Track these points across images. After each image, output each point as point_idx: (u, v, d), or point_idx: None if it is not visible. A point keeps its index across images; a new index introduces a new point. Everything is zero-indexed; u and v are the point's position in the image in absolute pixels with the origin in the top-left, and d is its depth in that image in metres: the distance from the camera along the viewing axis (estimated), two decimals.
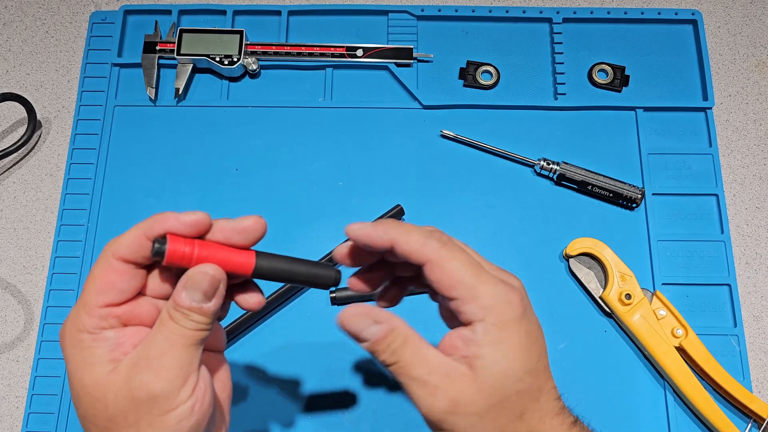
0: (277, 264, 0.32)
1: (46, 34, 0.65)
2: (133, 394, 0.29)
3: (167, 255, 0.29)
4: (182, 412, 0.29)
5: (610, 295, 0.52)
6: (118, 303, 0.31)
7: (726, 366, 0.51)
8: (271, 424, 0.51)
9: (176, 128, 0.59)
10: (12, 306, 0.55)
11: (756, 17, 0.64)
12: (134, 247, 0.30)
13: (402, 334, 0.31)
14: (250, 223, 0.31)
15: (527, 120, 0.59)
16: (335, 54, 0.60)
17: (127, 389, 0.29)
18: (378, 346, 0.31)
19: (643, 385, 0.52)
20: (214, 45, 0.59)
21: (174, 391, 0.29)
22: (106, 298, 0.30)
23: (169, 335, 0.29)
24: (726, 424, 0.49)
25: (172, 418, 0.29)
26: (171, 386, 0.29)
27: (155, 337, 0.30)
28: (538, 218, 0.56)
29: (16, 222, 0.58)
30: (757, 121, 0.61)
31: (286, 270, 0.32)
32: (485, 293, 0.30)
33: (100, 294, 0.30)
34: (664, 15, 0.62)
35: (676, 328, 0.52)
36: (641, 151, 0.58)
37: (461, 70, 0.61)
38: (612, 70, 0.61)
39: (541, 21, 0.63)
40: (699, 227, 0.56)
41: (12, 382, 0.53)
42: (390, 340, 0.31)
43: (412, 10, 0.62)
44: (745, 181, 0.59)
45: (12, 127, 0.61)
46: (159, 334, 0.30)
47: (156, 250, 0.29)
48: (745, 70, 0.62)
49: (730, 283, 0.54)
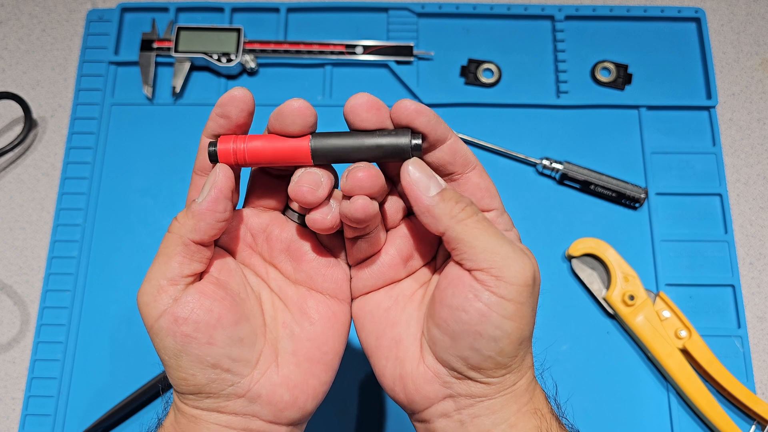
0: (336, 141, 0.29)
1: (42, 32, 0.64)
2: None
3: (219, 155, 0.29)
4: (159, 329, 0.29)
5: (613, 296, 0.52)
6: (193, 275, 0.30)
7: (729, 367, 0.51)
8: None
9: (174, 127, 0.59)
10: (8, 307, 0.55)
11: (760, 15, 0.64)
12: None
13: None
14: (299, 104, 0.28)
15: (529, 119, 0.59)
16: (334, 51, 0.60)
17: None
18: (455, 195, 0.29)
19: (647, 387, 0.51)
20: (212, 42, 0.59)
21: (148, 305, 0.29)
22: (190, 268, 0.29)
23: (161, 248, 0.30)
24: (730, 426, 0.49)
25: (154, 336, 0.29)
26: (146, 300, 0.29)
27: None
28: (541, 218, 0.56)
29: (12, 222, 0.57)
30: (761, 119, 0.60)
31: (349, 144, 0.29)
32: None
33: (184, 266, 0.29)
34: (667, 13, 0.62)
35: (680, 329, 0.51)
36: (644, 150, 0.58)
37: (462, 67, 0.60)
38: (615, 68, 0.60)
39: (544, 18, 0.62)
40: (702, 227, 0.56)
41: (8, 383, 0.53)
42: (463, 195, 0.29)
43: (412, 7, 0.62)
44: (749, 180, 0.58)
45: (8, 126, 0.61)
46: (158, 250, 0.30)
47: (209, 153, 0.29)
48: (749, 68, 0.62)
49: (733, 283, 0.54)
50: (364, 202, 0.28)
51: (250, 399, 0.30)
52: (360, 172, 0.28)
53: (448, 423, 0.30)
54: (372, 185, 0.28)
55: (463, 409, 0.29)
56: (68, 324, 0.53)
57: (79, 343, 0.53)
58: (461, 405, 0.29)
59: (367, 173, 0.28)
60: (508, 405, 0.29)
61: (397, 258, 0.32)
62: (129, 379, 0.51)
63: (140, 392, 0.50)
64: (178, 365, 0.28)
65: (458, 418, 0.29)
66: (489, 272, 0.28)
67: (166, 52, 0.60)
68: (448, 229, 0.28)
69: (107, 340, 0.53)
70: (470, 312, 0.28)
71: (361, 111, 0.28)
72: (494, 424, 0.29)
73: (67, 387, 0.52)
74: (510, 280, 0.27)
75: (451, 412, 0.30)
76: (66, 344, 0.53)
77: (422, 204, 0.28)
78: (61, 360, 0.52)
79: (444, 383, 0.29)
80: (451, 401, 0.30)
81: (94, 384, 0.52)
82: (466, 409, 0.29)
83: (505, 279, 0.27)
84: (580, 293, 0.54)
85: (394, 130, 0.29)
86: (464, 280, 0.28)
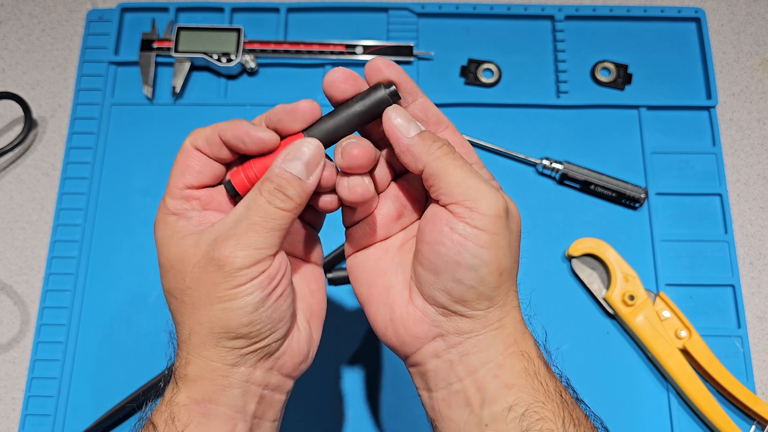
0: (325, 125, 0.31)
1: (42, 32, 0.64)
2: (207, 267, 0.30)
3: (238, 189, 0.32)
4: (251, 287, 0.30)
5: (613, 296, 0.52)
6: (198, 186, 0.32)
7: (729, 367, 0.51)
8: None
9: (174, 127, 0.59)
10: (8, 307, 0.55)
11: (760, 15, 0.64)
12: (209, 142, 0.32)
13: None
14: (311, 105, 0.31)
15: (529, 119, 0.59)
16: (334, 51, 0.60)
17: (203, 262, 0.30)
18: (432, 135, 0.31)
19: (647, 387, 0.51)
20: (212, 42, 0.59)
21: (246, 268, 0.29)
22: (185, 180, 0.32)
23: (254, 216, 0.30)
24: (730, 426, 0.49)
25: (240, 292, 0.30)
26: (243, 263, 0.29)
27: (239, 216, 0.30)
28: (541, 218, 0.56)
29: (12, 222, 0.57)
30: (761, 119, 0.60)
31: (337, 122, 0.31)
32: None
33: (180, 176, 0.32)
34: (667, 13, 0.62)
35: (680, 329, 0.51)
36: (644, 150, 0.57)
37: (462, 68, 0.60)
38: (615, 68, 0.60)
39: (544, 18, 0.62)
40: (702, 227, 0.56)
41: (8, 383, 0.53)
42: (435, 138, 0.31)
43: (412, 7, 0.62)
44: (749, 180, 0.58)
45: (8, 126, 0.61)
46: (244, 214, 0.30)
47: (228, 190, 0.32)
48: (749, 68, 0.62)
49: (733, 283, 0.54)
50: (362, 189, 0.31)
51: (281, 352, 0.32)
52: (354, 149, 0.30)
53: (439, 363, 0.31)
54: (367, 160, 0.31)
55: (452, 348, 0.31)
56: (68, 324, 0.53)
57: (79, 343, 0.53)
58: (450, 343, 0.31)
59: (360, 150, 0.30)
60: (495, 344, 0.30)
61: (388, 218, 0.34)
62: (129, 379, 0.51)
63: (140, 392, 0.50)
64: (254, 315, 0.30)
65: (448, 357, 0.31)
66: (463, 204, 0.29)
67: (166, 52, 0.60)
68: (426, 166, 0.30)
69: (107, 340, 0.53)
70: (447, 244, 0.30)
71: (339, 83, 0.31)
72: (482, 362, 0.30)
73: (67, 387, 0.52)
74: (482, 211, 0.29)
75: (441, 352, 0.31)
76: (66, 344, 0.53)
77: (402, 144, 0.30)
78: (61, 360, 0.52)
79: (432, 322, 0.31)
80: (440, 340, 0.31)
81: (94, 384, 0.52)
82: (455, 348, 0.31)
83: (477, 210, 0.29)
84: (580, 293, 0.54)
85: (370, 89, 0.31)
86: (440, 215, 0.30)
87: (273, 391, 0.33)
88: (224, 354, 0.31)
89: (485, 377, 0.30)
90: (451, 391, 0.31)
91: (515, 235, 0.31)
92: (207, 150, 0.32)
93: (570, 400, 0.31)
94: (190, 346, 0.31)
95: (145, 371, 0.51)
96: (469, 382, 0.30)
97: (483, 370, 0.30)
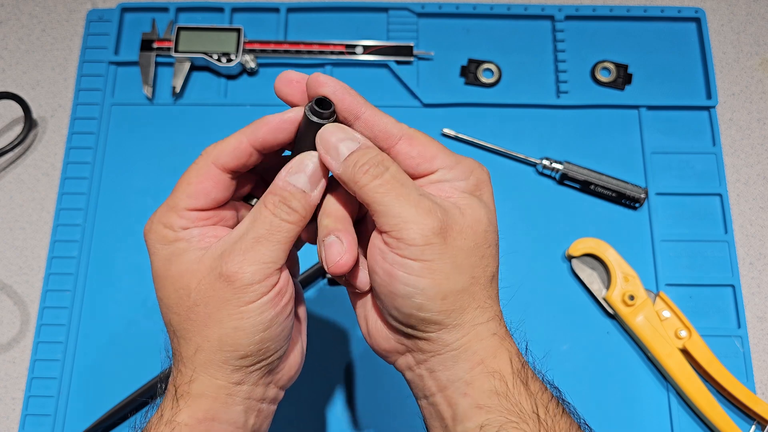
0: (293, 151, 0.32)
1: (42, 32, 0.64)
2: (215, 284, 0.29)
3: None
4: (262, 304, 0.29)
5: (613, 296, 0.52)
6: (207, 209, 0.32)
7: (730, 367, 0.51)
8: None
9: (173, 127, 0.59)
10: (8, 307, 0.55)
11: (760, 15, 0.64)
12: (238, 153, 0.31)
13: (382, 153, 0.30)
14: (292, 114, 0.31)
15: (529, 118, 0.59)
16: (334, 51, 0.60)
17: (210, 278, 0.29)
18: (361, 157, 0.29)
19: (647, 387, 0.51)
20: (212, 42, 0.59)
21: (256, 284, 0.29)
22: (197, 203, 0.31)
23: (260, 228, 0.30)
24: (730, 426, 0.49)
25: (251, 309, 0.29)
26: (253, 279, 0.29)
27: (245, 229, 0.30)
28: (541, 218, 0.56)
29: (12, 222, 0.57)
30: (761, 119, 0.60)
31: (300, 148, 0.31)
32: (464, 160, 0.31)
33: (192, 198, 0.31)
34: (667, 13, 0.62)
35: (680, 329, 0.51)
36: (644, 150, 0.57)
37: (462, 67, 0.60)
38: (615, 68, 0.60)
39: (544, 18, 0.62)
40: (702, 227, 0.56)
41: (8, 383, 0.53)
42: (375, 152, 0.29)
43: (412, 7, 0.62)
44: (749, 180, 0.58)
45: (8, 126, 0.61)
46: (250, 228, 0.30)
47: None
48: (749, 68, 0.62)
49: (733, 283, 0.54)
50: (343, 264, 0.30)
51: (281, 367, 0.33)
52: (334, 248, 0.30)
53: (413, 376, 0.32)
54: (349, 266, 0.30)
55: (421, 364, 0.31)
56: (68, 324, 0.53)
57: (79, 343, 0.53)
58: (417, 359, 0.31)
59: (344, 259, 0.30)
60: (458, 363, 0.30)
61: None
62: (129, 379, 0.51)
63: (140, 392, 0.50)
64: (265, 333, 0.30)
65: (419, 371, 0.31)
66: (390, 234, 0.28)
67: (166, 52, 0.60)
68: (356, 195, 0.29)
69: (107, 340, 0.53)
70: (379, 273, 0.29)
71: (281, 86, 0.31)
72: (449, 380, 0.30)
73: (67, 387, 0.52)
74: (409, 241, 0.28)
75: (413, 366, 0.31)
76: (66, 344, 0.53)
77: (334, 173, 0.30)
78: (61, 360, 0.52)
79: (397, 339, 0.31)
80: (410, 355, 0.31)
81: (94, 384, 0.52)
82: (423, 364, 0.31)
83: (404, 240, 0.28)
84: (580, 293, 0.54)
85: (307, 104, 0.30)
86: (375, 243, 0.30)
87: (270, 403, 0.33)
88: (230, 373, 0.30)
89: (455, 395, 0.30)
90: (429, 402, 0.31)
91: (465, 252, 0.29)
92: (233, 163, 0.31)
93: (552, 416, 0.30)
94: (196, 363, 0.30)
95: (144, 371, 0.51)
96: (440, 398, 0.30)
97: (452, 387, 0.30)
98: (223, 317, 0.29)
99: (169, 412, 0.30)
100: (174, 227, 0.31)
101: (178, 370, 0.31)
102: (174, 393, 0.31)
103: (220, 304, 0.29)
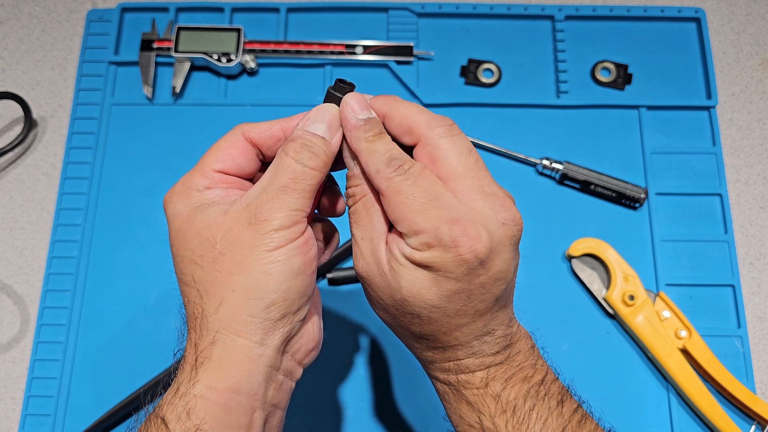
0: None
1: (42, 32, 0.64)
2: (243, 232, 0.30)
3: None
4: (290, 249, 0.30)
5: (613, 296, 0.52)
6: (232, 174, 0.33)
7: (729, 367, 0.51)
8: None
9: (174, 127, 0.59)
10: (8, 307, 0.55)
11: (760, 15, 0.64)
12: (269, 133, 0.33)
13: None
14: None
15: (529, 119, 0.59)
16: (334, 51, 0.60)
17: (238, 228, 0.30)
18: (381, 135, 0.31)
19: (647, 387, 0.51)
20: (212, 42, 0.59)
21: (285, 229, 0.30)
22: (223, 165, 0.32)
23: (283, 177, 0.30)
24: (730, 426, 0.49)
25: (281, 253, 0.30)
26: (282, 224, 0.29)
27: (268, 180, 0.31)
28: (541, 218, 0.56)
29: (12, 222, 0.57)
30: (761, 119, 0.60)
31: None
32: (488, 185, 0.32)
33: (217, 160, 0.32)
34: (667, 13, 0.62)
35: (680, 329, 0.51)
36: (644, 150, 0.57)
37: (462, 67, 0.60)
38: (615, 68, 0.60)
39: (544, 18, 0.62)
40: (702, 227, 0.56)
41: (8, 383, 0.53)
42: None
43: (412, 7, 0.62)
44: (749, 180, 0.58)
45: (8, 126, 0.61)
46: (273, 179, 0.30)
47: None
48: (749, 68, 0.62)
49: (733, 283, 0.54)
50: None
51: (300, 335, 0.33)
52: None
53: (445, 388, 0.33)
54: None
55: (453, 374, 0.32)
56: (68, 324, 0.53)
57: (79, 343, 0.53)
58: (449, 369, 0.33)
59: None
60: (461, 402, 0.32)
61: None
62: (129, 379, 0.51)
63: (140, 392, 0.50)
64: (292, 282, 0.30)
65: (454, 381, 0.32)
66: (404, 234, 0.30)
67: (166, 52, 0.60)
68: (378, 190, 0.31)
69: (107, 340, 0.53)
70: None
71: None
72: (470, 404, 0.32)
73: (67, 387, 0.52)
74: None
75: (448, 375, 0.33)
76: (66, 344, 0.53)
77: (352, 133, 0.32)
78: (61, 360, 0.52)
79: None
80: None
81: (94, 384, 0.52)
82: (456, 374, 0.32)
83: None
84: (580, 293, 0.54)
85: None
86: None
87: (288, 377, 0.33)
88: (254, 329, 0.30)
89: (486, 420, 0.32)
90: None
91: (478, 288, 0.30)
92: (260, 138, 0.33)
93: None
94: (219, 319, 0.30)
95: (145, 371, 0.51)
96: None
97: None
98: (251, 263, 0.29)
99: (186, 384, 0.29)
100: (198, 186, 0.32)
101: (198, 335, 0.30)
102: (194, 362, 0.30)
103: (248, 251, 0.29)
